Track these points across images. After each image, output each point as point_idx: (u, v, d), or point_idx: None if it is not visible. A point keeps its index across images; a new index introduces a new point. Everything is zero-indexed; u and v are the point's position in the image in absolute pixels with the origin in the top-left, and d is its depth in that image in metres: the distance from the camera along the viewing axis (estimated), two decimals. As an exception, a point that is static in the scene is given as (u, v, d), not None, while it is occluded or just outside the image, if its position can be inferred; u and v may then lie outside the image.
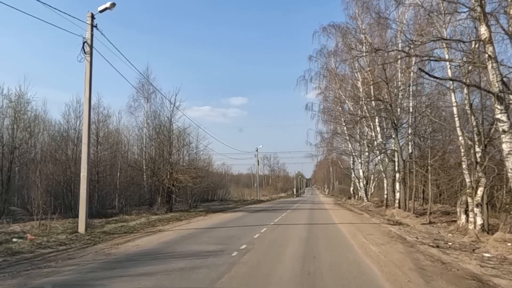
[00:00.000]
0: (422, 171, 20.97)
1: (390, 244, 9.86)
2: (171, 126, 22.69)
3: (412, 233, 12.94)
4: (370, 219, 18.48)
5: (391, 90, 22.78)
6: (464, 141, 12.85)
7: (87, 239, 10.14)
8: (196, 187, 26.55)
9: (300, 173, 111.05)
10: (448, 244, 10.43)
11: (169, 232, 12.08)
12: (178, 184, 21.89)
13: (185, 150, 28.86)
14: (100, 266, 6.68)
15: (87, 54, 11.85)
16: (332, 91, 32.68)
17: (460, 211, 14.60)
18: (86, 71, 11.84)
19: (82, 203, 11.49)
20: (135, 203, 26.50)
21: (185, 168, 21.93)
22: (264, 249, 8.59)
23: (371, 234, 11.92)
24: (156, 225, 14.53)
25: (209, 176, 41.93)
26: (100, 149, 22.04)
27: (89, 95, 11.76)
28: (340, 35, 27.39)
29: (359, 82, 26.93)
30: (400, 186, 22.30)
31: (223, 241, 9.82)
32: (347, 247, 9.05)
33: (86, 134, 11.63)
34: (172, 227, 13.81)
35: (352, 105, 30.26)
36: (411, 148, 22.79)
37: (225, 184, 56.83)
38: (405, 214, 20.32)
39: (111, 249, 8.61)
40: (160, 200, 21.20)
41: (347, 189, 56.22)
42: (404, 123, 24.35)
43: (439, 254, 8.43)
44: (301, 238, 10.55)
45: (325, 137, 36.42)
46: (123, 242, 9.85)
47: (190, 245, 9.08)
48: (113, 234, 11.47)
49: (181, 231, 12.53)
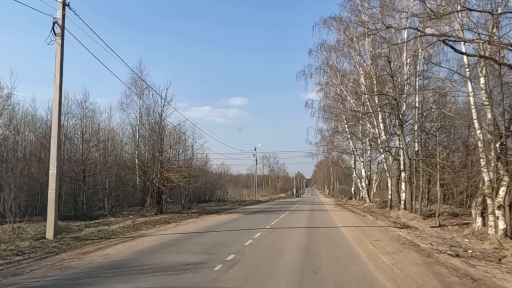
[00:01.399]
0: (430, 169, 19.59)
1: (403, 252, 8.47)
2: (162, 122, 21.31)
3: (423, 238, 11.56)
4: (375, 222, 17.10)
5: (396, 84, 21.39)
6: (483, 135, 11.45)
7: (52, 247, 8.76)
8: (190, 187, 25.20)
9: (300, 173, 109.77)
10: (468, 252, 9.05)
11: (150, 238, 10.68)
12: (169, 183, 20.52)
13: (180, 148, 27.52)
14: (44, 286, 5.29)
15: (57, 36, 10.48)
16: (333, 86, 31.27)
17: (475, 213, 13.23)
18: (56, 55, 10.47)
19: (50, 205, 10.10)
20: (129, 204, 25.14)
21: (177, 166, 20.49)
22: (255, 260, 7.19)
23: (379, 239, 10.54)
24: (140, 229, 13.15)
25: (205, 175, 40.60)
26: (87, 146, 20.66)
27: (60, 82, 10.38)
28: (342, 28, 26.04)
29: (362, 77, 25.55)
30: (406, 186, 20.92)
31: (209, 249, 8.43)
32: (354, 258, 7.65)
33: (56, 127, 10.24)
34: (157, 231, 12.42)
35: (354, 101, 28.84)
36: (417, 145, 21.40)
37: (223, 184, 55.49)
38: (411, 216, 18.99)
39: (72, 261, 7.22)
40: (149, 201, 19.82)
41: (347, 189, 54.87)
42: (410, 119, 22.98)
43: (464, 267, 7.04)
44: (300, 245, 9.15)
45: (326, 135, 35.07)
46: (93, 250, 8.46)
47: (167, 255, 7.68)
48: (86, 240, 10.09)
49: (164, 236, 11.13)
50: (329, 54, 29.15)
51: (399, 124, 20.87)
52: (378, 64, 23.74)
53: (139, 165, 20.10)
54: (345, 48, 27.22)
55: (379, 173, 35.07)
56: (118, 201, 23.62)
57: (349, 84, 29.45)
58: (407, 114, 22.34)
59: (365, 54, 25.54)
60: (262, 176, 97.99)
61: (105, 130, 24.83)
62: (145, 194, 20.94)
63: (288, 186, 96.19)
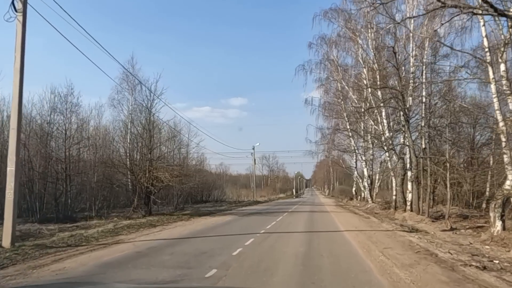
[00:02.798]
0: (439, 168, 18.17)
1: (421, 265, 7.06)
2: (151, 117, 19.87)
3: (438, 244, 10.19)
4: (380, 225, 15.70)
5: (401, 77, 20.00)
6: (506, 128, 10.05)
7: (3, 258, 7.34)
8: (183, 187, 23.80)
9: (299, 173, 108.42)
10: (495, 264, 7.64)
11: (125, 246, 9.26)
12: (158, 183, 19.09)
13: (172, 146, 26.08)
14: None
15: (18, 12, 9.07)
16: (334, 82, 29.86)
17: (494, 216, 11.82)
18: (17, 34, 9.05)
19: (8, 207, 8.67)
20: (120, 205, 23.72)
21: (166, 165, 19.05)
22: (241, 278, 5.78)
23: (389, 247, 9.14)
24: (119, 234, 11.73)
25: (202, 175, 39.20)
26: (70, 143, 19.22)
27: (21, 65, 8.96)
28: (343, 20, 24.65)
29: (364, 70, 24.15)
30: (413, 186, 19.52)
31: (187, 261, 7.00)
32: (364, 273, 6.23)
33: (16, 117, 8.81)
34: (137, 237, 10.99)
35: (356, 97, 27.41)
36: (424, 143, 20.00)
37: (221, 184, 54.06)
38: (418, 218, 17.63)
39: (15, 278, 5.81)
40: (136, 202, 18.40)
41: (348, 189, 53.49)
42: (415, 115, 21.60)
43: (502, 286, 5.66)
44: (298, 256, 7.72)
45: (326, 133, 33.64)
46: (49, 262, 7.04)
47: (135, 270, 6.27)
48: (50, 248, 8.66)
49: (143, 243, 9.71)
50: (329, 48, 27.79)
51: (405, 119, 19.47)
52: (381, 57, 22.36)
53: (126, 163, 18.62)
54: (346, 41, 25.89)
55: (382, 173, 33.67)
56: (106, 202, 22.22)
57: (350, 79, 28.11)
58: (412, 109, 20.96)
59: (367, 47, 24.16)
60: (261, 176, 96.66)
61: (94, 127, 23.43)
62: (134, 194, 19.51)
63: (288, 187, 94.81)
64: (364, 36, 24.32)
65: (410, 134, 19.39)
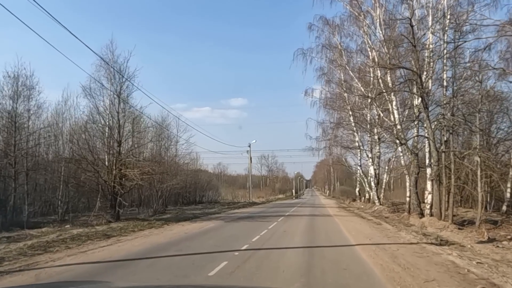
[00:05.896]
0: (468, 165, 14.92)
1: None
2: (120, 104, 16.57)
3: (491, 266, 7.04)
4: (398, 234, 12.42)
5: (419, 56, 16.71)
6: None
7: None
8: (162, 186, 20.53)
9: (299, 174, 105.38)
10: None
11: (21, 277, 5.97)
12: (128, 182, 15.83)
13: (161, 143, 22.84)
14: None
15: None
16: (337, 70, 26.55)
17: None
18: None
19: None
20: (100, 208, 20.42)
21: (135, 160, 15.72)
22: None
23: (431, 279, 5.86)
24: (47, 251, 8.46)
25: (193, 174, 35.98)
26: (22, 134, 15.97)
27: None
28: None
29: (374, 52, 20.83)
30: (433, 186, 16.22)
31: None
32: None
33: None
34: (60, 258, 7.66)
35: (362, 86, 24.10)
36: (446, 134, 16.73)
37: (216, 184, 50.83)
38: (441, 225, 14.43)
39: None
40: (98, 204, 15.11)
41: (350, 190, 50.18)
42: (434, 103, 18.31)
43: None
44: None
45: (327, 128, 30.34)
46: None
47: None
48: None
49: (57, 270, 6.41)
50: (332, 30, 24.47)
51: (424, 106, 16.16)
52: (394, 33, 19.10)
53: (88, 158, 15.29)
54: (351, 25, 22.69)
55: (389, 171, 30.35)
56: (74, 204, 18.94)
57: (356, 66, 24.83)
58: (431, 94, 17.65)
59: (375, 28, 20.88)
60: (260, 176, 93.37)
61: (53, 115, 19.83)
62: (97, 196, 16.20)
63: (287, 187, 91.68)
64: (371, 16, 21.12)
65: (430, 123, 16.08)
